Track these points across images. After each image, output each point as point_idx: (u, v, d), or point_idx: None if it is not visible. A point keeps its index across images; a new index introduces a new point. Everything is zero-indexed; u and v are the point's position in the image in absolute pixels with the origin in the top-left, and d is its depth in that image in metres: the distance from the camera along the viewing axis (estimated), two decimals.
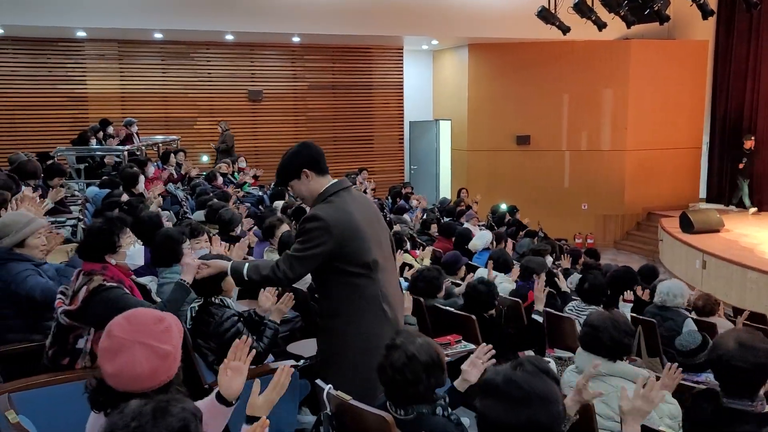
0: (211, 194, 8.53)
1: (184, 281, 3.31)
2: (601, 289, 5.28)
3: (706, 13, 10.74)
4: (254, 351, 2.37)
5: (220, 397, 2.20)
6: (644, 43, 15.27)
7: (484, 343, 2.93)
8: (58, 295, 3.33)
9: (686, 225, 13.05)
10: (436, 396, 2.60)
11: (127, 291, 3.26)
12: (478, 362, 2.83)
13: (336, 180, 3.23)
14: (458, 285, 5.82)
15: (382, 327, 3.10)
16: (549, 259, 8.29)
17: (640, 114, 15.42)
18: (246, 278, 3.12)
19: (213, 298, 3.60)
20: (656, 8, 10.66)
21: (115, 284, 3.20)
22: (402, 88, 16.87)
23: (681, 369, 3.20)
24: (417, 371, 2.49)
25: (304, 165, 3.16)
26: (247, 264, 3.15)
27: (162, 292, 3.98)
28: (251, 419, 2.12)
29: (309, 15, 13.25)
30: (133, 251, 3.59)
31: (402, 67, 16.83)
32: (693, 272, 11.98)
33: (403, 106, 16.97)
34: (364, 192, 11.32)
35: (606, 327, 3.28)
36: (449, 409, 2.61)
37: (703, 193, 16.32)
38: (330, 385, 2.66)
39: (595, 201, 15.83)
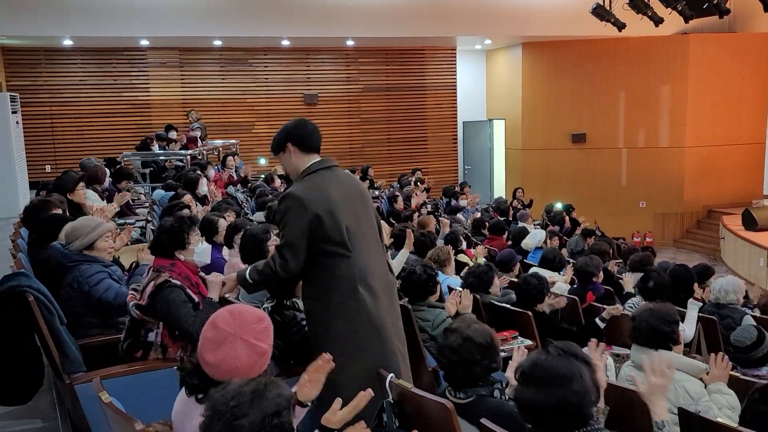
0: (271, 195, 8.76)
1: (212, 299, 3.40)
2: (665, 289, 5.25)
3: (767, 6, 10.49)
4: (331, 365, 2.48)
5: (297, 401, 2.33)
6: (704, 37, 14.96)
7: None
8: (131, 291, 3.54)
9: (749, 222, 12.75)
10: (493, 379, 2.71)
11: (190, 292, 3.40)
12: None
13: (320, 159, 3.21)
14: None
15: (358, 311, 3.05)
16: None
17: (700, 110, 15.11)
18: (250, 281, 3.18)
19: (285, 301, 3.68)
20: (715, 1, 10.47)
21: (179, 284, 3.35)
22: (455, 89, 16.93)
23: (731, 362, 3.22)
24: (472, 352, 2.64)
25: (290, 139, 3.20)
26: (249, 268, 3.22)
27: None
28: (324, 429, 2.22)
29: (363, 19, 13.45)
30: (200, 249, 3.75)
31: (455, 68, 16.89)
32: (757, 270, 11.71)
33: (456, 107, 17.02)
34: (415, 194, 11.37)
35: (643, 317, 3.39)
36: (505, 393, 2.72)
37: (767, 190, 15.87)
38: (392, 374, 2.77)
39: (653, 199, 15.60)
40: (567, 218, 11.89)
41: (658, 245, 15.05)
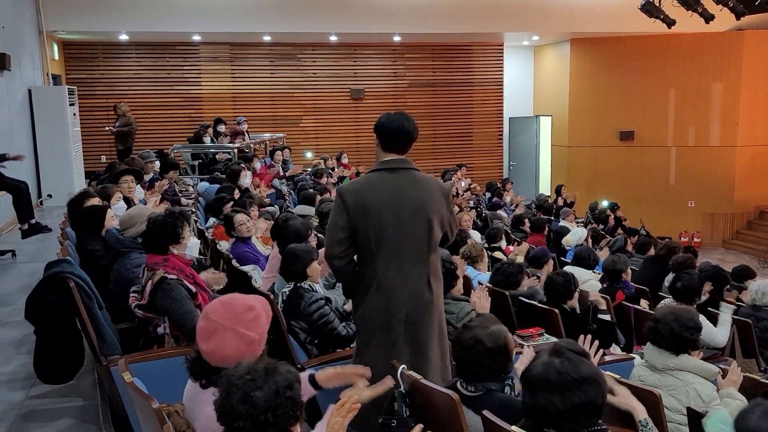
0: (311, 189, 8.93)
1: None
2: (694, 290, 5.23)
3: None
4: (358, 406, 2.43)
5: (313, 382, 2.48)
6: (760, 33, 14.58)
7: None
8: (132, 294, 3.63)
9: None
10: (504, 376, 2.77)
11: (187, 284, 3.51)
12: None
13: (391, 158, 3.23)
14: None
15: (373, 313, 3.18)
16: None
17: (754, 108, 14.77)
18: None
19: (301, 284, 3.93)
20: None
21: (175, 277, 3.46)
22: (502, 85, 16.87)
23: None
24: (480, 354, 2.68)
25: (375, 131, 3.28)
26: None
27: None
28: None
29: (410, 14, 13.53)
30: (191, 243, 3.81)
31: (502, 64, 16.82)
32: None
33: (502, 103, 16.96)
34: (456, 191, 11.34)
35: (666, 320, 3.35)
36: (516, 390, 2.77)
37: None
38: (403, 365, 2.89)
39: (702, 198, 15.30)
40: (611, 216, 11.80)
41: (706, 246, 14.81)
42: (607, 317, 4.83)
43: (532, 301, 5.09)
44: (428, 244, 3.21)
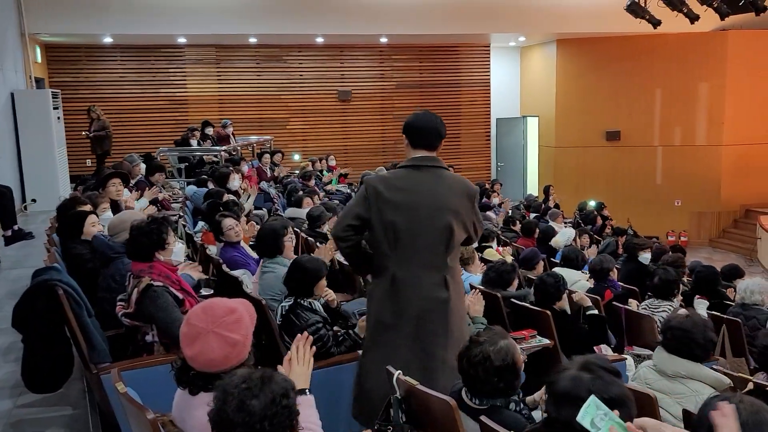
0: (301, 192, 8.87)
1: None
2: (672, 282, 5.23)
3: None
4: (314, 348, 2.54)
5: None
6: (743, 33, 14.69)
7: None
8: (119, 302, 3.57)
9: None
10: (511, 392, 2.72)
11: (174, 291, 3.46)
12: None
13: (419, 155, 3.20)
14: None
15: (384, 310, 3.17)
16: (647, 256, 7.95)
17: (739, 107, 14.87)
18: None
19: (302, 300, 3.76)
20: None
21: (161, 284, 3.41)
22: (489, 86, 16.90)
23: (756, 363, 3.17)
24: (488, 372, 2.63)
25: (404, 131, 3.27)
26: None
27: (264, 280, 4.33)
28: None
29: (396, 16, 13.51)
30: (177, 248, 3.76)
31: (489, 65, 16.86)
32: None
33: (489, 103, 16.99)
34: None
35: (698, 328, 3.31)
36: (522, 404, 2.74)
37: None
38: (399, 371, 2.85)
39: (689, 198, 15.39)
40: (598, 216, 11.85)
41: (693, 245, 14.89)
42: (595, 312, 4.82)
43: (524, 303, 5.07)
44: (447, 246, 3.14)
